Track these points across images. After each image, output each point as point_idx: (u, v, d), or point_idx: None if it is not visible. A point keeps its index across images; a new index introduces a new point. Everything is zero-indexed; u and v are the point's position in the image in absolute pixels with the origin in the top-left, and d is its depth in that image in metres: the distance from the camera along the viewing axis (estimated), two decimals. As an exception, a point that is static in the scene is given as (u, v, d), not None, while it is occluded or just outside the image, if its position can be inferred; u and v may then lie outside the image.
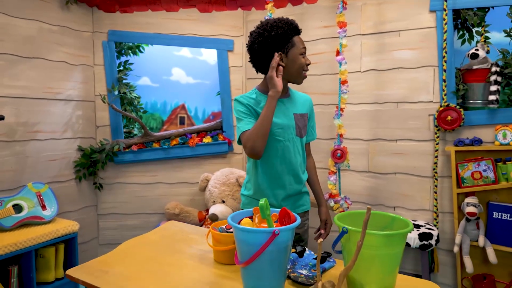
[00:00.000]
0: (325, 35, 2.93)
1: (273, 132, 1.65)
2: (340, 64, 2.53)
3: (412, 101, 2.63)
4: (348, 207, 2.58)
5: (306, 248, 1.48)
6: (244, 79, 3.36)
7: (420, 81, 2.60)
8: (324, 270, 1.36)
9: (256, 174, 1.72)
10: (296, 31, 1.67)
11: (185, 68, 3.59)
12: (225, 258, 1.43)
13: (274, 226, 1.22)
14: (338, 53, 2.54)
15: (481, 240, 2.32)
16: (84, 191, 3.15)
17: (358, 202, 2.80)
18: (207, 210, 3.23)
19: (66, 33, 2.96)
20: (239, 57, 3.34)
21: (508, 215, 2.29)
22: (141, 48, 3.37)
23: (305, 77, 1.69)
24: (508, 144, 2.27)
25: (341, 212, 2.53)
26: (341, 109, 2.56)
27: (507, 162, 2.30)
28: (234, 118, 3.28)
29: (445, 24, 2.45)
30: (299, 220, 1.22)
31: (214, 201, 3.02)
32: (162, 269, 1.40)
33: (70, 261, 2.75)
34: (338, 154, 2.55)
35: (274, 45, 1.60)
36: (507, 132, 2.28)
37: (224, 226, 1.49)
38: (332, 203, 2.57)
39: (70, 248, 2.75)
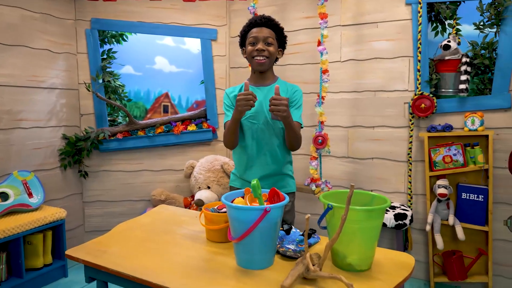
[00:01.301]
0: (306, 25, 3.02)
1: (247, 117, 1.82)
2: (322, 54, 2.64)
3: (388, 89, 2.77)
4: (328, 191, 2.71)
5: (293, 226, 1.59)
6: (228, 68, 3.43)
7: (396, 71, 2.74)
8: (309, 245, 1.48)
9: (238, 153, 1.90)
10: (254, 24, 1.80)
11: (168, 57, 3.62)
12: (217, 237, 1.53)
13: (265, 204, 1.32)
14: (319, 43, 2.65)
15: (451, 219, 2.50)
16: (69, 179, 3.17)
17: (338, 186, 2.95)
18: (192, 196, 3.32)
19: (48, 20, 2.95)
20: (223, 47, 3.40)
21: (475, 195, 2.47)
22: (124, 37, 3.38)
23: (259, 63, 1.77)
24: (476, 130, 2.44)
25: (322, 195, 2.67)
26: (322, 97, 2.68)
27: (475, 147, 2.47)
28: (218, 106, 3.37)
29: (420, 16, 2.59)
30: (287, 198, 1.33)
31: (199, 187, 3.10)
32: (157, 248, 1.49)
33: (58, 247, 2.80)
34: (320, 141, 2.67)
35: (241, 42, 1.88)
36: (475, 119, 2.45)
37: (216, 207, 1.59)
38: (314, 187, 2.70)
39: (57, 235, 2.79)
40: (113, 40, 3.33)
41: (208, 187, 3.08)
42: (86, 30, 3.16)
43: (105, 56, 3.28)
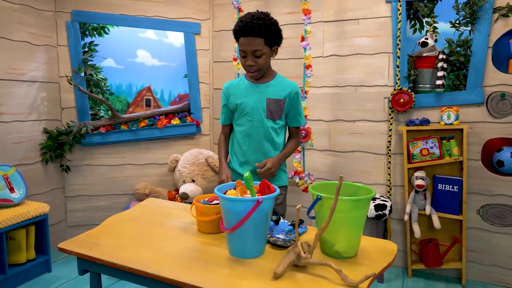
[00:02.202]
0: (289, 21, 3.07)
1: (244, 113, 1.87)
2: (305, 49, 2.70)
3: (369, 85, 2.86)
4: (311, 183, 2.79)
5: (281, 217, 1.65)
6: (211, 62, 3.44)
7: (376, 67, 2.82)
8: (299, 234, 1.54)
9: (233, 148, 1.96)
10: (241, 33, 1.73)
11: (150, 50, 3.59)
12: (208, 228, 1.57)
13: (256, 196, 1.37)
14: (303, 39, 2.70)
15: (428, 209, 2.62)
16: (51, 174, 3.13)
17: (320, 178, 3.03)
18: (176, 190, 3.33)
19: (27, 12, 2.88)
20: (206, 41, 3.41)
21: (451, 186, 2.60)
22: (106, 29, 3.34)
23: (252, 75, 1.82)
24: (451, 124, 2.56)
25: (306, 187, 2.75)
26: (306, 92, 2.74)
27: (450, 140, 2.59)
28: (202, 100, 3.39)
29: (399, 14, 2.68)
30: (278, 190, 1.38)
31: (184, 181, 3.12)
32: (149, 239, 1.52)
33: (41, 242, 2.77)
34: (303, 134, 2.74)
35: (235, 39, 1.83)
36: (451, 113, 2.57)
37: (207, 199, 1.63)
38: (297, 180, 2.77)
39: (40, 230, 2.76)
40: (95, 32, 3.29)
41: (193, 181, 3.11)
42: (66, 22, 3.11)
43: (86, 49, 3.24)
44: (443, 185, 2.63)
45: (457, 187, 2.58)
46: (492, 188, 2.59)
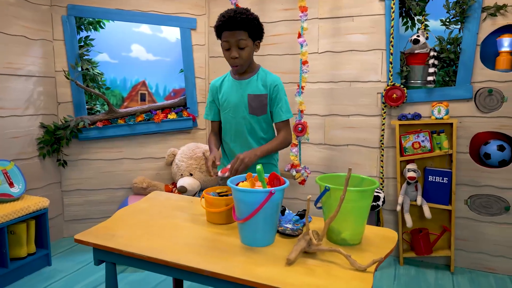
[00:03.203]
0: (285, 17, 3.13)
1: (228, 110, 1.93)
2: (302, 45, 2.76)
3: (363, 80, 2.95)
4: (307, 176, 2.88)
5: (286, 208, 1.72)
6: (207, 57, 3.48)
7: (370, 63, 2.92)
8: (304, 224, 1.62)
9: (222, 145, 2.05)
10: (224, 27, 1.75)
11: (145, 45, 3.61)
12: (218, 219, 1.63)
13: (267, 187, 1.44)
14: (299, 35, 2.77)
15: (419, 200, 2.74)
16: (48, 168, 3.14)
17: (315, 171, 3.12)
18: (173, 183, 3.38)
19: (23, 5, 2.87)
20: (202, 36, 3.44)
21: (441, 178, 2.72)
22: (101, 24, 3.34)
23: (234, 69, 1.85)
24: (442, 118, 2.68)
25: (302, 180, 2.83)
26: (302, 87, 2.81)
27: (440, 134, 2.71)
28: (198, 95, 3.43)
29: (393, 12, 2.77)
30: (287, 182, 1.45)
31: (182, 174, 3.17)
32: (162, 230, 1.58)
33: (41, 236, 2.79)
34: (300, 128, 2.81)
35: (217, 35, 1.84)
36: (441, 108, 2.68)
37: (216, 191, 1.69)
38: (294, 173, 2.85)
39: (40, 224, 2.78)
40: (90, 27, 3.29)
41: (191, 174, 3.16)
42: (62, 16, 3.10)
43: (82, 44, 3.24)
44: (434, 177, 2.75)
45: (446, 178, 2.71)
46: (479, 179, 2.73)
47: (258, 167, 1.41)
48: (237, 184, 1.49)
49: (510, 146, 2.66)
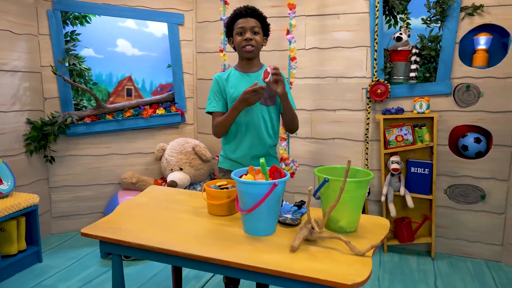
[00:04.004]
0: (273, 14, 3.19)
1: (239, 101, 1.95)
2: (290, 42, 2.84)
3: (348, 76, 3.06)
4: (296, 169, 2.97)
5: (283, 199, 1.80)
6: (195, 53, 3.51)
7: (355, 59, 3.02)
8: (302, 214, 1.70)
9: (227, 137, 2.04)
10: (239, 15, 1.92)
11: (130, 40, 3.60)
12: (219, 211, 1.69)
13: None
14: (288, 32, 2.84)
15: (402, 190, 2.88)
16: (35, 165, 3.11)
17: (303, 164, 3.22)
18: (162, 178, 3.41)
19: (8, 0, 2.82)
20: (190, 31, 3.46)
21: (422, 169, 2.87)
22: (88, 19, 3.31)
23: (248, 51, 1.93)
24: (423, 112, 2.82)
25: (291, 173, 2.92)
26: (290, 83, 2.89)
27: (422, 127, 2.85)
28: (186, 90, 3.46)
29: (377, 10, 2.88)
30: (288, 175, 1.53)
31: (172, 169, 3.21)
32: (166, 222, 1.62)
33: (31, 233, 2.78)
34: (288, 123, 2.89)
35: (228, 33, 2.01)
36: (422, 103, 2.82)
37: (217, 185, 1.75)
38: (283, 166, 2.93)
39: (30, 221, 2.76)
40: (77, 21, 3.25)
41: (181, 169, 3.20)
42: (48, 10, 3.06)
43: (68, 38, 3.20)
44: (416, 168, 2.89)
45: (427, 169, 2.85)
46: (457, 170, 2.89)
47: (262, 160, 1.48)
48: (240, 177, 1.55)
49: (486, 138, 2.83)
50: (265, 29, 2.00)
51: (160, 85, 3.75)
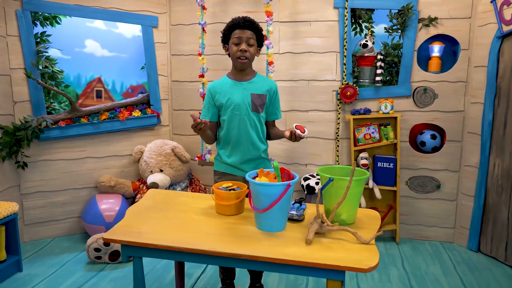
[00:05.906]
0: (247, 19, 3.32)
1: (232, 108, 2.11)
2: (268, 47, 3.00)
3: (320, 79, 3.29)
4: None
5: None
6: (169, 55, 3.55)
7: (326, 64, 3.26)
8: (303, 210, 1.88)
9: (221, 141, 2.19)
10: (237, 26, 2.04)
11: (99, 40, 3.55)
12: (229, 211, 1.82)
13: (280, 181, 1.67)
14: (266, 38, 2.99)
15: (370, 183, 3.18)
16: (5, 171, 2.99)
17: (279, 162, 3.40)
18: (139, 180, 3.43)
19: (-24, -1, 2.68)
20: (164, 34, 3.49)
21: (388, 163, 3.18)
22: (58, 19, 3.22)
23: (242, 63, 2.07)
24: (388, 113, 3.13)
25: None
26: (268, 86, 3.05)
27: (387, 126, 3.16)
28: (161, 92, 3.50)
29: (346, 19, 3.13)
30: (297, 176, 1.70)
31: (151, 171, 3.24)
32: (181, 223, 1.72)
33: (11, 242, 2.70)
34: (267, 124, 3.06)
35: (224, 39, 2.13)
36: (387, 104, 3.12)
37: (226, 187, 1.87)
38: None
39: (10, 230, 2.68)
40: (47, 22, 3.16)
41: (161, 170, 3.24)
42: (17, 11, 2.94)
43: (38, 40, 3.10)
44: (382, 163, 3.20)
45: (392, 164, 3.17)
46: (416, 163, 3.24)
47: (276, 163, 1.64)
48: (253, 179, 1.69)
49: (441, 135, 3.21)
50: (260, 41, 2.13)
51: (131, 86, 3.74)
